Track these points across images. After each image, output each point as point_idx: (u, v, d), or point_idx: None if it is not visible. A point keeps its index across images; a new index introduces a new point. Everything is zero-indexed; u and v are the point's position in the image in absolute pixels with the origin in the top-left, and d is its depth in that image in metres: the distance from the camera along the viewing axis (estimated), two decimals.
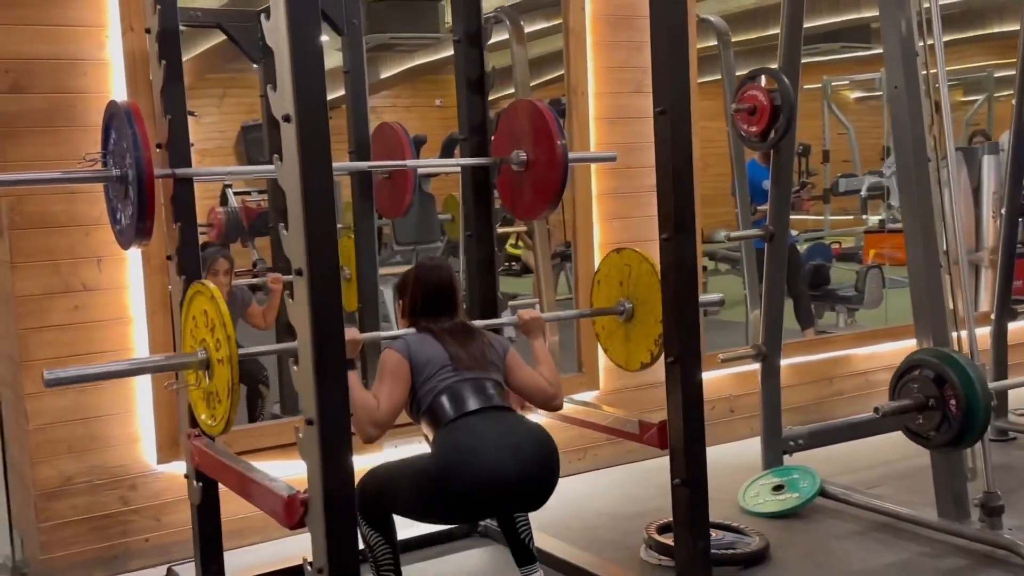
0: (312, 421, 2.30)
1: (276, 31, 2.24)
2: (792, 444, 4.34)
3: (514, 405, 3.16)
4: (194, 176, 3.20)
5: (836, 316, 7.27)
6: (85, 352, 3.57)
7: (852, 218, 10.25)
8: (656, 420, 3.07)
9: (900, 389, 3.54)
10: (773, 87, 4.19)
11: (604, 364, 4.67)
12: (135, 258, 3.65)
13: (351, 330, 2.92)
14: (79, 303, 3.60)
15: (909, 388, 3.49)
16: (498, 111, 3.81)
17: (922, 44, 3.62)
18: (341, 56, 4.37)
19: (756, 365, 4.42)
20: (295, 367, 2.33)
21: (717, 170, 7.16)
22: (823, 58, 10.50)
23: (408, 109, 11.37)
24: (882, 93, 9.10)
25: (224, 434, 2.70)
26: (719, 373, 4.85)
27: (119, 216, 3.00)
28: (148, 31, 3.17)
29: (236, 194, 7.39)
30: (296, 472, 2.43)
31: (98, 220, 3.48)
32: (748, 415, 4.95)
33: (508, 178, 3.61)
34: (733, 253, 8.28)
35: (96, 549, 3.69)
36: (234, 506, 3.24)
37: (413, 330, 3.14)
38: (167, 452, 3.74)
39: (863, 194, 9.73)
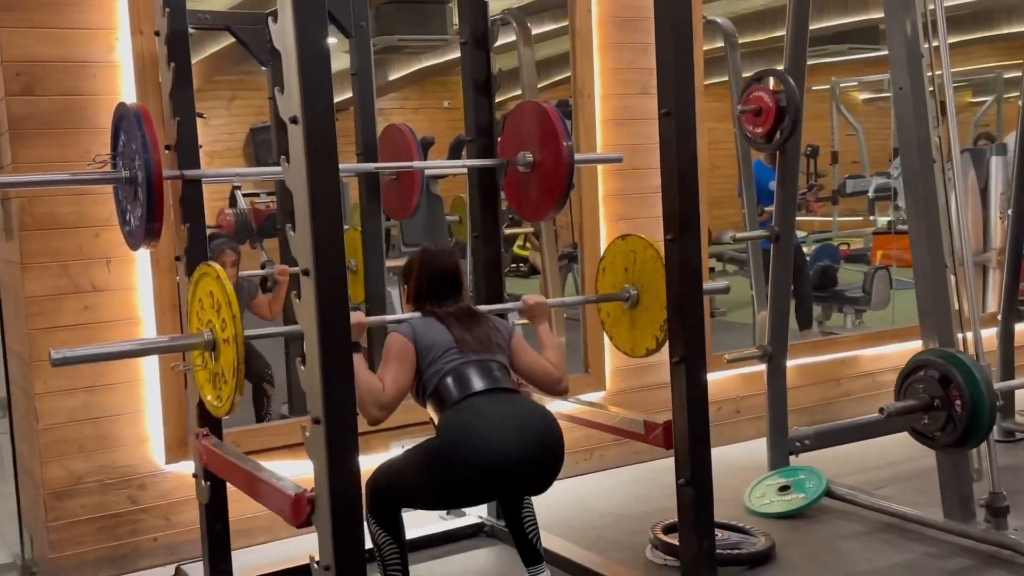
0: (319, 420, 2.32)
1: (283, 34, 2.27)
2: (798, 445, 4.34)
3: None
4: (203, 177, 3.22)
5: (843, 317, 7.26)
6: None
7: (860, 219, 10.23)
8: (662, 421, 3.08)
9: (905, 390, 3.53)
10: (779, 88, 4.20)
11: (610, 365, 4.68)
12: (144, 259, 3.67)
13: (356, 314, 2.92)
14: (89, 303, 3.62)
15: (914, 388, 3.49)
16: (505, 113, 3.82)
17: (927, 46, 3.62)
18: (349, 58, 4.38)
19: (762, 366, 4.42)
20: (302, 367, 2.35)
21: (724, 171, 7.17)
22: (832, 59, 10.48)
23: (416, 111, 11.40)
24: (890, 94, 9.07)
25: (230, 414, 2.67)
26: (725, 374, 4.86)
27: (128, 217, 3.02)
28: (157, 34, 3.20)
29: (245, 196, 7.41)
30: (304, 472, 2.45)
31: (107, 221, 3.50)
32: (754, 416, 4.95)
33: (515, 179, 3.62)
34: (740, 254, 8.26)
35: (105, 548, 3.71)
36: (242, 505, 3.27)
37: (418, 314, 3.16)
38: (176, 452, 3.76)
39: (870, 195, 9.72)
